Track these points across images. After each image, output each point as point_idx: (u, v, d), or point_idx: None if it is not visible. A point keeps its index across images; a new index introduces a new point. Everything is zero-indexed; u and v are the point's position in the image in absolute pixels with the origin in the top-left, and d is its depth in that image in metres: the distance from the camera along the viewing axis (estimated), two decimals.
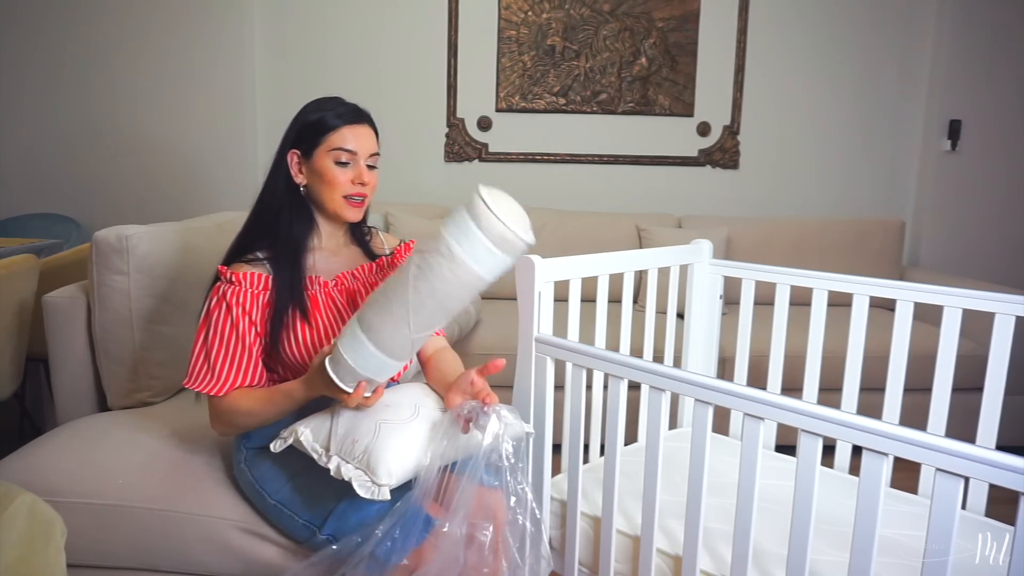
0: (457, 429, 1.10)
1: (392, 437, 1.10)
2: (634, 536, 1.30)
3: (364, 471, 1.07)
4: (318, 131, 1.28)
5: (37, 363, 2.39)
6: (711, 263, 1.79)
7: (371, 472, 1.07)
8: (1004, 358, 1.39)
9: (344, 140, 1.27)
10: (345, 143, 1.27)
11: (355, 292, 1.35)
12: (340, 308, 1.32)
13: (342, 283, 1.34)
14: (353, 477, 1.07)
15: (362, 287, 1.36)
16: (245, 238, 1.31)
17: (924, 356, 1.69)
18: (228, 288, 1.24)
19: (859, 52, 3.39)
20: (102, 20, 3.30)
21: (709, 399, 1.07)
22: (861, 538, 0.92)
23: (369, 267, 1.39)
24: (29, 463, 1.41)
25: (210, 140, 3.38)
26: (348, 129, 1.28)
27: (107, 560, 1.36)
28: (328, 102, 1.31)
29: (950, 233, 3.37)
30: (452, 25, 3.36)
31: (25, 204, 3.45)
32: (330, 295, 1.32)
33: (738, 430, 1.80)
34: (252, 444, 1.32)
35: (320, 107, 1.30)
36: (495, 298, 3.05)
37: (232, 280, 1.24)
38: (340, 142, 1.27)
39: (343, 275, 1.35)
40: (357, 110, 1.31)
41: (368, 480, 1.07)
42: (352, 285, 1.35)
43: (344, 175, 1.28)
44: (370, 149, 1.30)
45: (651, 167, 3.49)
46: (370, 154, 1.30)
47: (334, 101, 1.31)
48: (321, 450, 1.12)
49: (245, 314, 1.24)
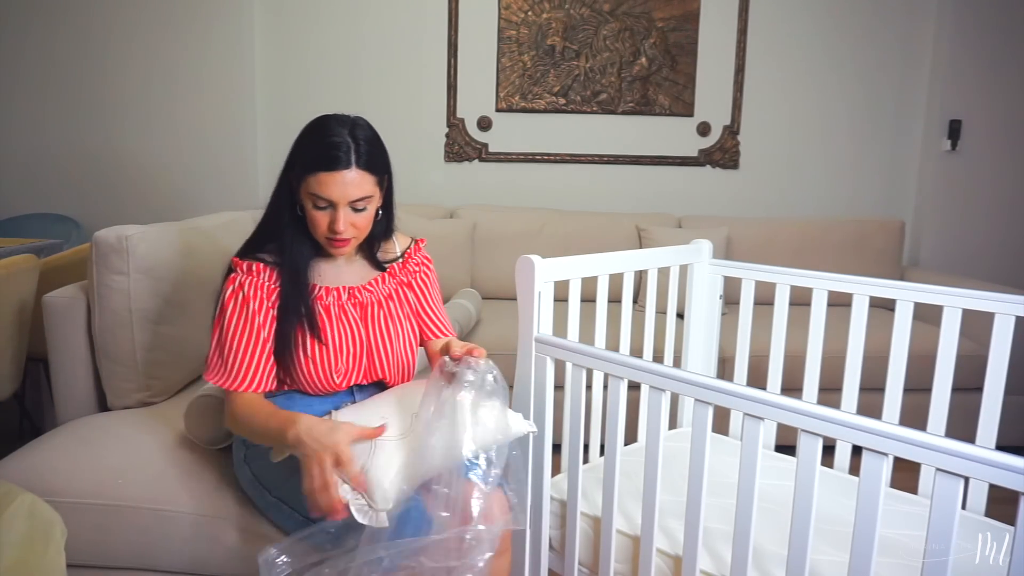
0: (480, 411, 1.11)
1: (386, 456, 1.09)
2: (634, 536, 1.30)
3: (361, 495, 1.07)
4: (301, 168, 1.20)
5: (37, 363, 2.39)
6: (711, 263, 1.79)
7: (368, 496, 1.06)
8: (1004, 358, 1.39)
9: (320, 187, 1.18)
10: (321, 190, 1.18)
11: (368, 305, 1.33)
12: (353, 322, 1.31)
13: (355, 297, 1.33)
14: (350, 500, 1.06)
15: (376, 299, 1.35)
16: (257, 236, 1.30)
17: (924, 356, 1.69)
18: (246, 279, 1.24)
19: (859, 52, 3.39)
20: (102, 21, 3.30)
21: (709, 399, 1.07)
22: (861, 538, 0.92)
23: (382, 277, 1.37)
24: (29, 463, 1.41)
25: (210, 140, 3.38)
26: (326, 176, 1.17)
27: (107, 560, 1.36)
28: (322, 131, 1.20)
29: (950, 233, 3.37)
30: (452, 25, 3.36)
31: (25, 204, 3.45)
32: (342, 307, 1.31)
33: (738, 430, 1.80)
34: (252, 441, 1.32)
35: (313, 135, 1.21)
36: (495, 298, 3.05)
37: (249, 271, 1.24)
38: (316, 188, 1.18)
39: (357, 289, 1.33)
40: (339, 155, 1.17)
41: (365, 504, 1.06)
42: (365, 299, 1.34)
43: (322, 218, 1.21)
44: (350, 196, 1.19)
45: (651, 167, 3.49)
46: (351, 200, 1.20)
47: (328, 132, 1.19)
48: None
49: (262, 305, 1.23)
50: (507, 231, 3.13)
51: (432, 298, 1.43)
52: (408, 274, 1.41)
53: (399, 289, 1.39)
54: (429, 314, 1.42)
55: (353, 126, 1.22)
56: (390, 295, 1.37)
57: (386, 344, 1.33)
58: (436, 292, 1.45)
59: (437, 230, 2.99)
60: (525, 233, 3.12)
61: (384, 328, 1.34)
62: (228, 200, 3.32)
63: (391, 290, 1.38)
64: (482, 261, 3.11)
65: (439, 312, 1.44)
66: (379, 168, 1.24)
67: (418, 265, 1.43)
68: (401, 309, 1.38)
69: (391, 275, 1.39)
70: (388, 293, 1.37)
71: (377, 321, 1.33)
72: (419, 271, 1.42)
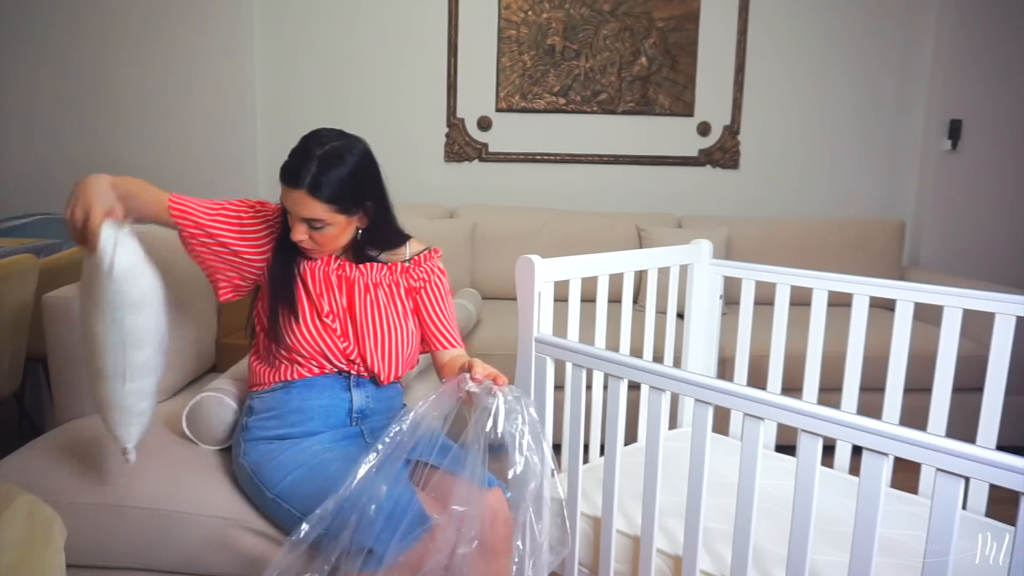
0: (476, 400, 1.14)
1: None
2: (634, 536, 1.30)
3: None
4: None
5: (37, 363, 2.39)
6: (711, 263, 1.79)
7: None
8: (1004, 358, 1.39)
9: (284, 196, 1.26)
10: (285, 199, 1.26)
11: (354, 281, 1.35)
12: (336, 287, 1.35)
13: (342, 270, 1.36)
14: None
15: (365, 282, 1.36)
16: None
17: (924, 356, 1.69)
18: (258, 204, 1.36)
19: (859, 52, 3.39)
20: (103, 23, 3.30)
21: (709, 399, 1.07)
22: (861, 538, 0.92)
23: (371, 267, 1.37)
24: (29, 463, 1.41)
25: (210, 140, 3.38)
26: (283, 187, 1.25)
27: (107, 560, 1.36)
28: (299, 143, 1.27)
29: (950, 233, 3.37)
30: (452, 25, 3.36)
31: (25, 204, 3.45)
32: (326, 273, 1.35)
33: (738, 430, 1.80)
34: (251, 438, 1.32)
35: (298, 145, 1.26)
36: (495, 298, 3.05)
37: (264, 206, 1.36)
38: (283, 195, 1.26)
39: (343, 264, 1.36)
40: (291, 173, 1.23)
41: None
42: (352, 275, 1.36)
43: (290, 220, 1.28)
44: (300, 214, 1.24)
45: (651, 167, 3.49)
46: (303, 217, 1.24)
47: (299, 147, 1.26)
48: None
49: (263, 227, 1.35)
50: (507, 231, 3.13)
51: (440, 307, 1.42)
52: (413, 279, 1.40)
53: (396, 286, 1.39)
54: (436, 323, 1.41)
55: (324, 148, 1.23)
56: (380, 284, 1.37)
57: (372, 325, 1.34)
58: (446, 302, 1.44)
59: (437, 230, 2.99)
60: (525, 233, 3.12)
61: (369, 309, 1.35)
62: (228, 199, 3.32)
63: (385, 281, 1.38)
64: (482, 261, 3.11)
65: (448, 323, 1.42)
66: (337, 198, 1.24)
67: (428, 273, 1.42)
68: (394, 303, 1.37)
69: (390, 271, 1.39)
70: (378, 281, 1.37)
71: (362, 299, 1.35)
72: (429, 279, 1.41)
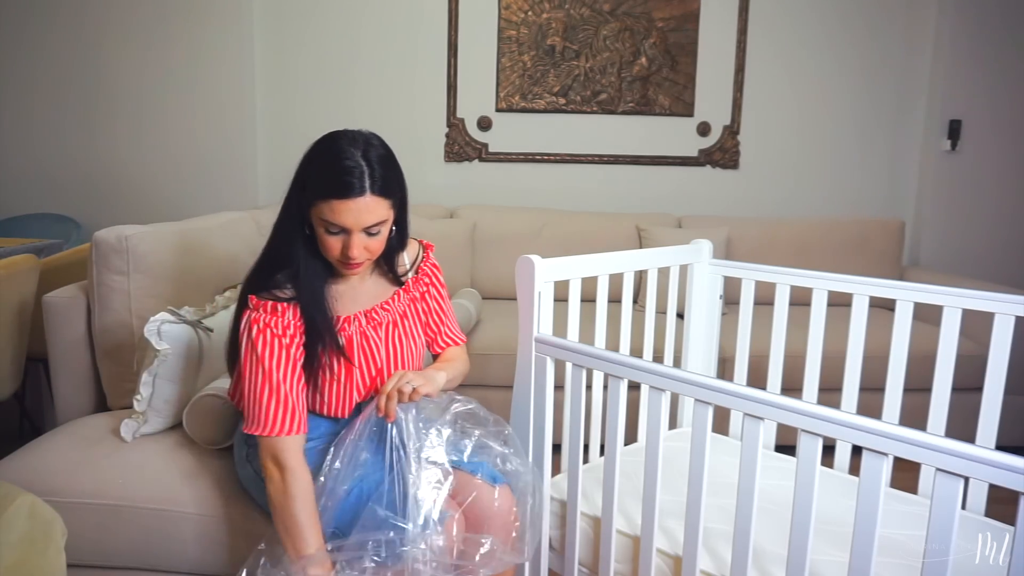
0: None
1: None
2: (634, 536, 1.30)
3: None
4: (313, 193, 1.14)
5: (37, 363, 2.39)
6: (711, 263, 1.79)
7: None
8: (1004, 358, 1.39)
9: (333, 214, 1.13)
10: (334, 218, 1.13)
11: (387, 324, 1.32)
12: (375, 343, 1.30)
13: (373, 319, 1.31)
14: None
15: (395, 317, 1.34)
16: (266, 265, 1.23)
17: (924, 356, 1.69)
18: (271, 319, 1.18)
19: (859, 52, 3.39)
20: (103, 23, 3.30)
21: (709, 399, 1.07)
22: (861, 538, 0.92)
23: (397, 295, 1.36)
24: (29, 463, 1.42)
25: (210, 140, 3.38)
26: (340, 204, 1.12)
27: (107, 560, 1.36)
28: (334, 154, 1.14)
29: (950, 233, 3.37)
30: (452, 25, 3.36)
31: (25, 204, 3.45)
32: (364, 333, 1.29)
33: (738, 430, 1.80)
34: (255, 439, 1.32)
35: (324, 157, 1.15)
36: (495, 298, 3.05)
37: (274, 311, 1.18)
38: (329, 215, 1.13)
39: (373, 310, 1.31)
40: (352, 182, 1.11)
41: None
42: (383, 319, 1.32)
43: (335, 243, 1.16)
44: (366, 222, 1.14)
45: (651, 167, 3.49)
46: (366, 226, 1.15)
47: (341, 155, 1.13)
48: None
49: (292, 342, 1.19)
50: (507, 231, 3.13)
51: (441, 308, 1.43)
52: (419, 286, 1.40)
53: (412, 304, 1.38)
54: (439, 325, 1.43)
55: (367, 147, 1.15)
56: (404, 312, 1.36)
57: (399, 362, 1.33)
58: (445, 301, 1.45)
59: (437, 230, 2.99)
60: (525, 233, 3.12)
61: (400, 346, 1.33)
62: (228, 200, 3.32)
63: (405, 307, 1.37)
64: (482, 261, 3.11)
65: (449, 323, 1.44)
66: (394, 190, 1.18)
67: (428, 276, 1.42)
68: (414, 325, 1.37)
69: (405, 291, 1.37)
70: (403, 311, 1.36)
71: (394, 341, 1.32)
72: (430, 283, 1.42)
